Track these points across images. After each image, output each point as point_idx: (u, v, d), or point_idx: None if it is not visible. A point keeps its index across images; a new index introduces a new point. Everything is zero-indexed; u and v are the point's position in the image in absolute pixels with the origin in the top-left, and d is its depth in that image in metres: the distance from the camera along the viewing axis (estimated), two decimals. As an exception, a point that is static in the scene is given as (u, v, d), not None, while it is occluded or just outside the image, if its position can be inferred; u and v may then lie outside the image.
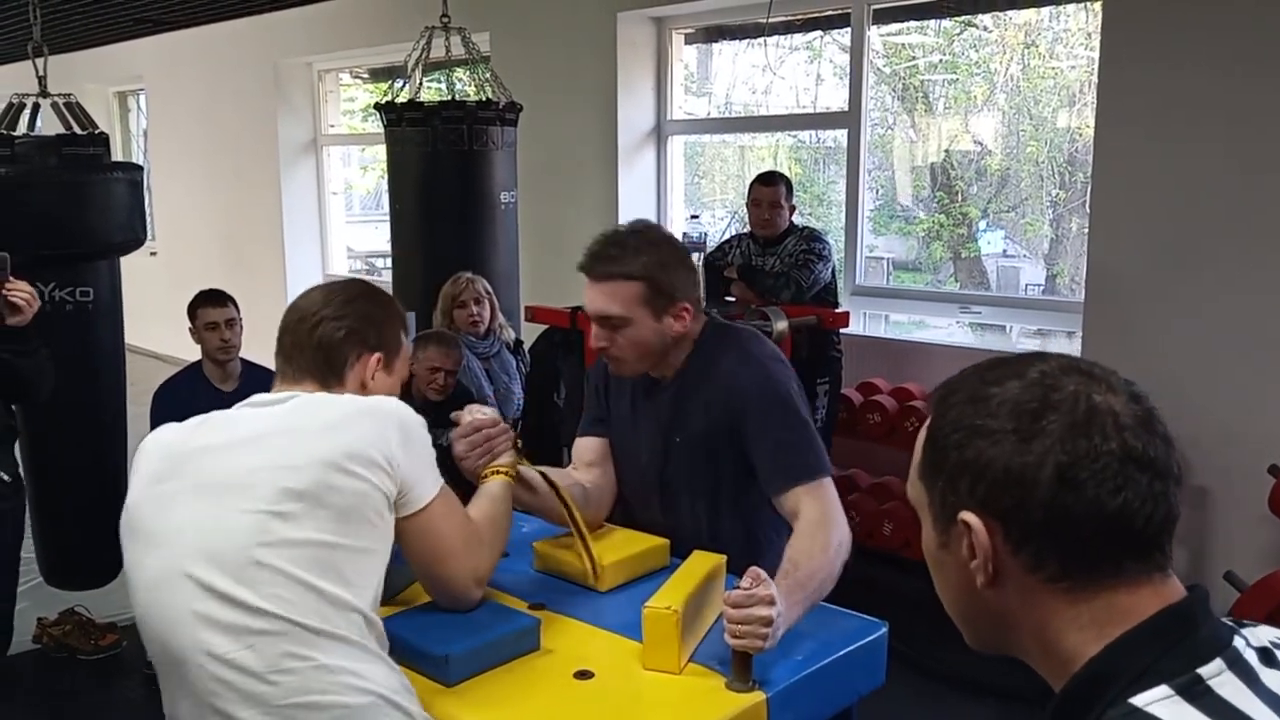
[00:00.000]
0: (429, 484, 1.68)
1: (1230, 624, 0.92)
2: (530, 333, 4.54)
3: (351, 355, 1.74)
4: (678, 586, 1.81)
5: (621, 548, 2.15)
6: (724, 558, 1.99)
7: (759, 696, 1.68)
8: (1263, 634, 0.92)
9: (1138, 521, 0.88)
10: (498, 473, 1.95)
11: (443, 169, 4.48)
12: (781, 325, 3.86)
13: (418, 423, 1.69)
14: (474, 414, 2.01)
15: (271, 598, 1.51)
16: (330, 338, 1.72)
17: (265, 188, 8.17)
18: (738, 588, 1.67)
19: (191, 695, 1.56)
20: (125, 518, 1.63)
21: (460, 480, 1.90)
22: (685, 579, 1.86)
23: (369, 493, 1.58)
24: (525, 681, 1.72)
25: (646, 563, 2.13)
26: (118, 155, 9.92)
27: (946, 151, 5.46)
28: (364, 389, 1.76)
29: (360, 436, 1.59)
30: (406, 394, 3.75)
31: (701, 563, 1.94)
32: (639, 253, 2.04)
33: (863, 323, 5.19)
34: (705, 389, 2.12)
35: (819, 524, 1.96)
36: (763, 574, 1.69)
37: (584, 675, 1.74)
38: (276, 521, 1.52)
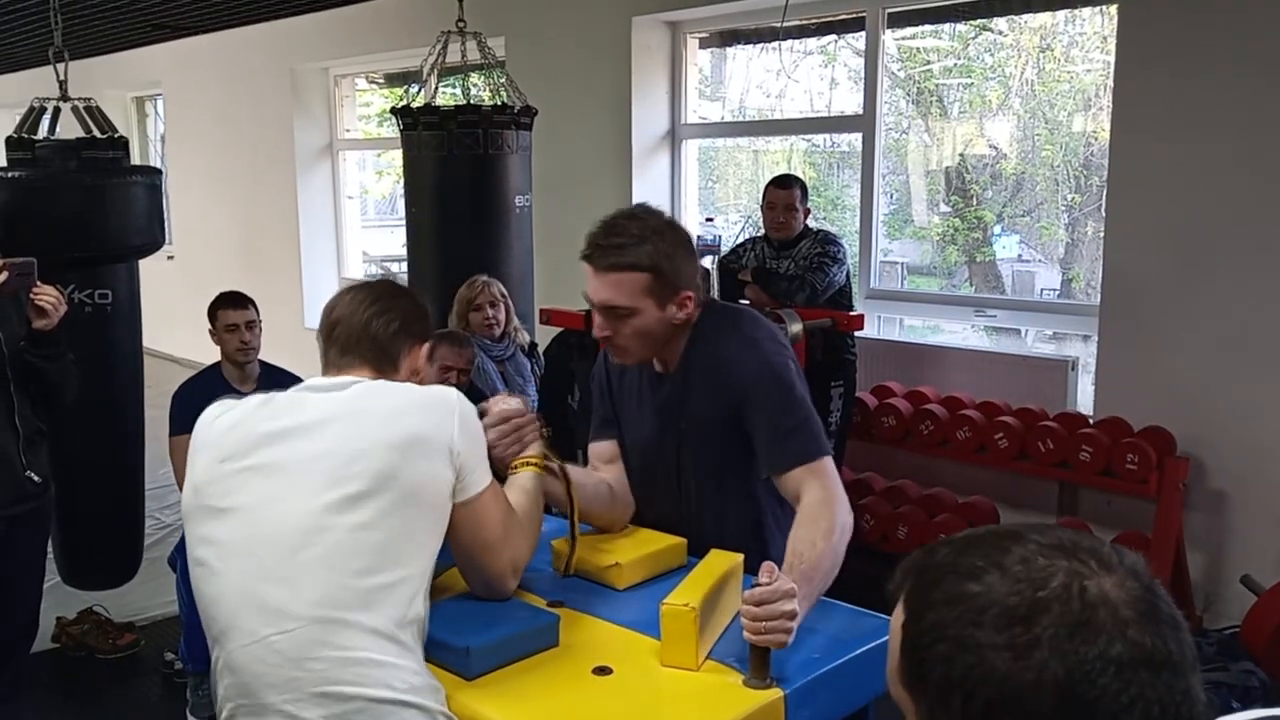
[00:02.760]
0: (482, 473, 1.74)
1: None
2: (545, 335, 4.56)
3: (404, 347, 1.84)
4: (696, 584, 1.82)
5: (639, 546, 2.16)
6: (741, 557, 1.99)
7: (777, 693, 1.68)
8: None
9: None
10: (528, 464, 1.98)
11: (458, 173, 4.50)
12: (796, 328, 3.87)
13: (474, 412, 1.76)
14: (503, 403, 2.03)
15: (317, 584, 1.55)
16: (384, 331, 1.81)
17: (281, 192, 8.21)
18: (756, 584, 1.68)
19: (231, 669, 1.61)
20: (192, 496, 1.69)
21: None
22: (703, 577, 1.86)
23: (431, 478, 1.64)
24: (544, 676, 1.73)
25: (664, 561, 2.14)
26: (135, 160, 9.98)
27: (961, 155, 5.46)
28: (416, 374, 1.85)
29: (423, 423, 1.66)
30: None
31: (719, 561, 1.95)
32: (643, 241, 2.01)
33: (877, 326, 5.19)
34: (708, 375, 2.12)
35: (822, 506, 1.95)
36: (777, 569, 1.70)
37: (602, 671, 1.75)
38: (337, 507, 1.57)
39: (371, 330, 1.80)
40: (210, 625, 1.65)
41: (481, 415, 1.99)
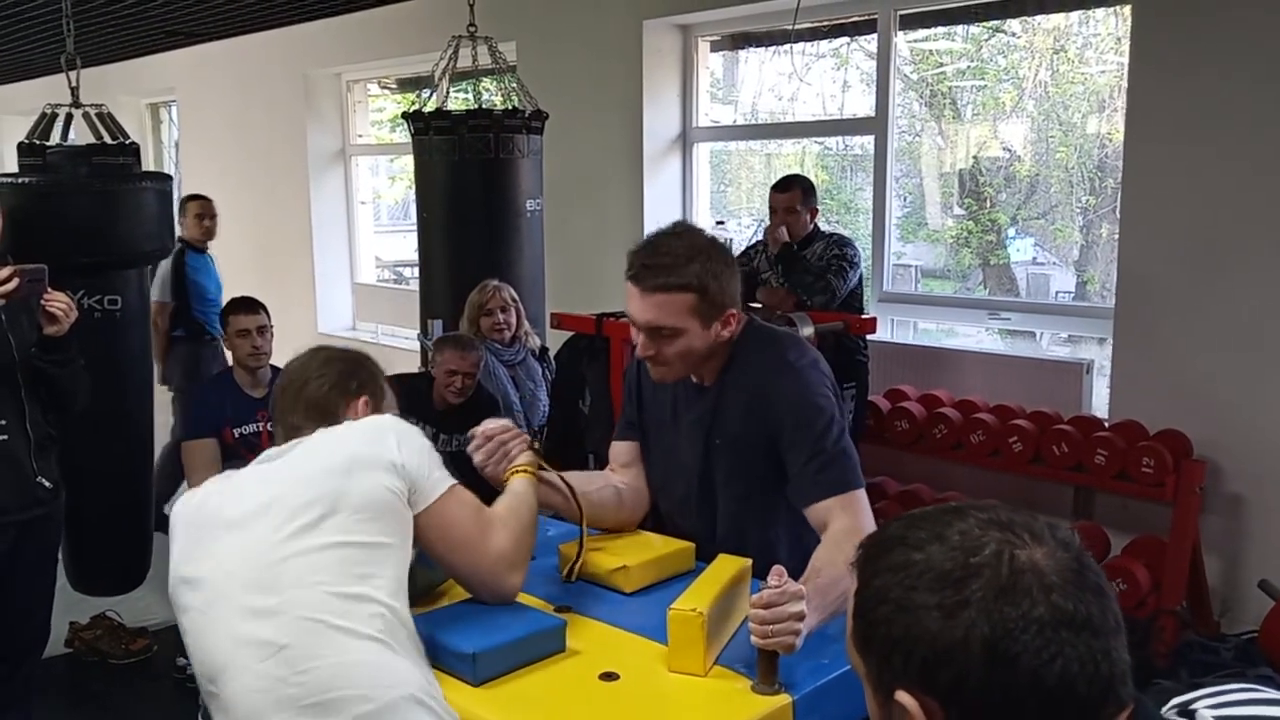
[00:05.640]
0: (437, 480, 1.78)
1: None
2: (556, 340, 4.55)
3: (341, 403, 1.92)
4: (703, 589, 1.81)
5: (647, 550, 2.15)
6: (749, 562, 1.98)
7: (785, 699, 1.67)
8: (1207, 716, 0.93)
9: (1079, 687, 0.86)
10: (517, 472, 2.00)
11: (469, 177, 4.50)
12: (808, 331, 3.85)
13: (411, 428, 1.83)
14: (484, 425, 2.07)
15: (295, 604, 1.60)
16: (317, 393, 1.91)
17: (294, 197, 8.23)
18: (765, 588, 1.67)
19: (226, 709, 1.65)
20: (173, 576, 1.77)
21: (488, 492, 1.95)
22: (711, 582, 1.85)
23: (380, 489, 1.69)
24: (550, 682, 1.72)
25: (671, 566, 2.13)
26: (150, 166, 10.01)
27: (975, 158, 5.43)
28: None
29: (360, 443, 1.76)
30: (429, 398, 3.78)
31: (727, 566, 1.93)
32: (691, 261, 1.99)
33: (889, 329, 5.16)
34: (745, 394, 2.11)
35: (848, 534, 1.93)
36: (786, 572, 1.68)
37: (609, 677, 1.73)
38: (298, 534, 1.64)
39: (307, 393, 1.90)
40: (202, 671, 1.71)
41: (468, 442, 2.08)
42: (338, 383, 1.92)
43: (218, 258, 6.08)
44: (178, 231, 5.76)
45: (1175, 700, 0.97)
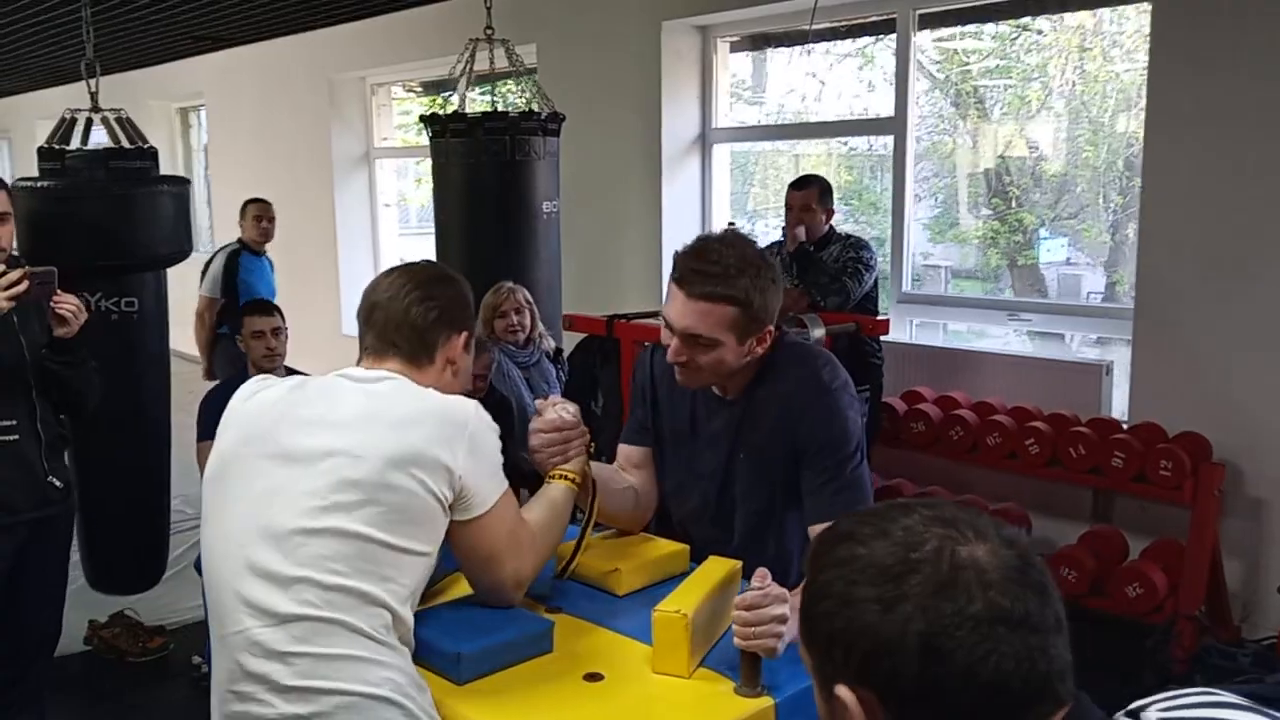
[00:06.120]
0: (490, 491, 1.72)
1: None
2: (573, 341, 4.55)
3: (441, 336, 1.80)
4: (690, 591, 1.81)
5: (641, 552, 2.15)
6: (739, 564, 1.97)
7: (767, 702, 1.66)
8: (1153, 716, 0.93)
9: (1014, 683, 0.86)
10: (564, 476, 1.97)
11: (486, 179, 4.51)
12: (819, 332, 3.83)
13: (489, 429, 1.73)
14: (559, 410, 2.01)
15: (302, 585, 1.57)
16: (423, 319, 1.78)
17: (319, 200, 8.29)
18: (749, 589, 1.66)
19: (221, 652, 1.64)
20: (215, 463, 1.73)
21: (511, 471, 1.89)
22: (699, 583, 1.85)
23: (425, 495, 1.63)
24: (535, 682, 1.72)
25: (665, 567, 2.12)
26: (180, 170, 10.14)
27: (1002, 157, 5.38)
28: (452, 364, 1.83)
29: (427, 438, 1.64)
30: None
31: (716, 568, 1.93)
32: (741, 274, 1.95)
33: (909, 331, 5.13)
34: (775, 412, 2.09)
35: None
36: (770, 575, 1.67)
37: (593, 678, 1.74)
38: (330, 511, 1.59)
39: (410, 318, 1.77)
40: (208, 596, 1.69)
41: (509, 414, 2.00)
42: (443, 315, 1.80)
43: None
44: (237, 233, 5.94)
45: (1133, 705, 0.96)
